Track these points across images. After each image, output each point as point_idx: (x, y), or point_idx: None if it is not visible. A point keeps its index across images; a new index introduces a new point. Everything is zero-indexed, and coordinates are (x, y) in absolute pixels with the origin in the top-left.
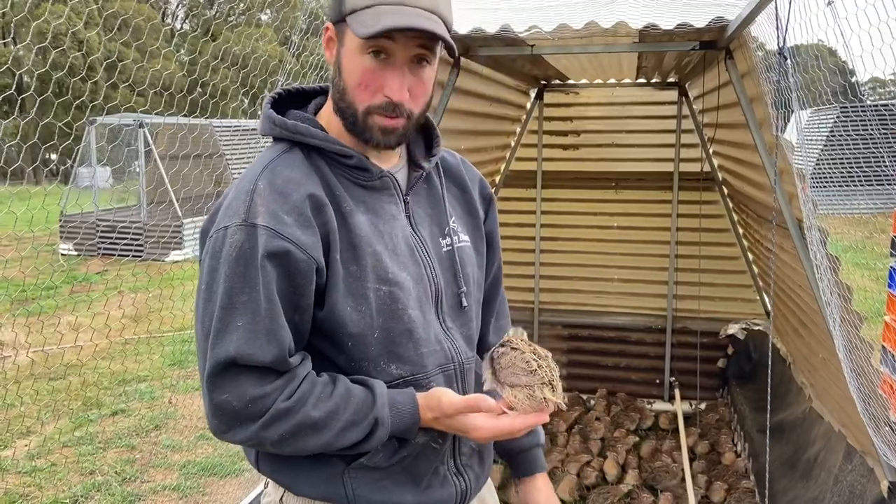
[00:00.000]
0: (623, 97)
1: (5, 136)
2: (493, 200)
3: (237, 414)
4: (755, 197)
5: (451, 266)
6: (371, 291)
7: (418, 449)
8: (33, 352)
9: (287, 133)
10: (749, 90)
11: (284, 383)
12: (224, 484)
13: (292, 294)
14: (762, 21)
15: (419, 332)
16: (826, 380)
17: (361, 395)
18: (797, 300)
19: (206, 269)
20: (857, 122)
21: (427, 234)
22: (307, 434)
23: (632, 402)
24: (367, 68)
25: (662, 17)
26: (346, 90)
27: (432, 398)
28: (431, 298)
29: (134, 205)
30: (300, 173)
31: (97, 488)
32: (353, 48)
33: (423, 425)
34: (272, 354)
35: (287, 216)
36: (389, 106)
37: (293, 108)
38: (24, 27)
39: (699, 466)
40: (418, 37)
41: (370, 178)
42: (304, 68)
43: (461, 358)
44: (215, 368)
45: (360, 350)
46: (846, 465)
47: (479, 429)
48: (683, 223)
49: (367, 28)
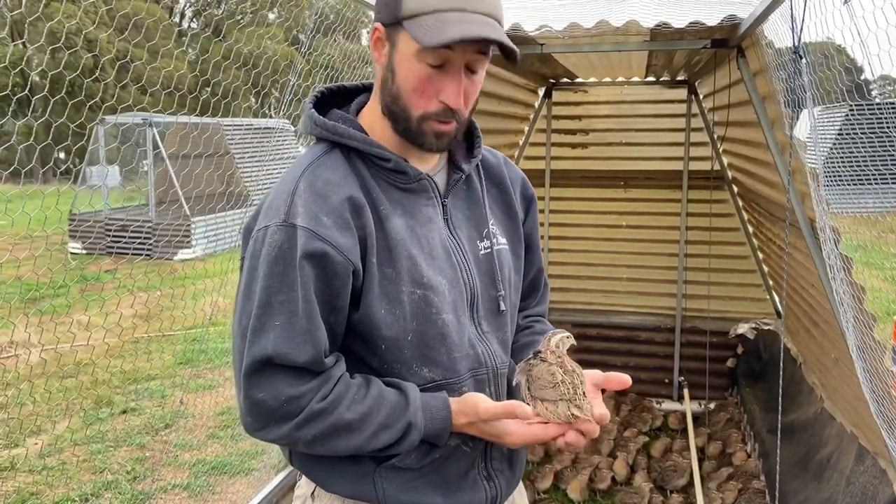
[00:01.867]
0: (632, 95)
1: (17, 136)
2: (534, 201)
3: (272, 413)
4: (766, 195)
5: (490, 269)
6: (405, 295)
7: (450, 452)
8: (44, 350)
9: (328, 134)
10: (761, 88)
11: (319, 384)
12: (234, 483)
13: (329, 295)
14: (775, 19)
15: (452, 337)
16: (838, 380)
17: (394, 399)
18: (808, 299)
19: (247, 268)
20: (867, 120)
21: (465, 236)
22: (340, 435)
23: (640, 401)
24: (425, 74)
25: (673, 15)
26: (400, 94)
27: (468, 404)
28: (467, 302)
29: (143, 204)
30: (340, 175)
31: (107, 487)
32: (409, 53)
33: (455, 430)
34: (308, 355)
35: (326, 218)
36: (446, 112)
37: (335, 106)
38: (36, 27)
39: (709, 466)
40: (478, 44)
41: (408, 181)
42: (314, 67)
43: (495, 363)
44: (252, 367)
45: (394, 353)
46: (858, 466)
47: (513, 434)
48: (693, 222)
49: (432, 38)
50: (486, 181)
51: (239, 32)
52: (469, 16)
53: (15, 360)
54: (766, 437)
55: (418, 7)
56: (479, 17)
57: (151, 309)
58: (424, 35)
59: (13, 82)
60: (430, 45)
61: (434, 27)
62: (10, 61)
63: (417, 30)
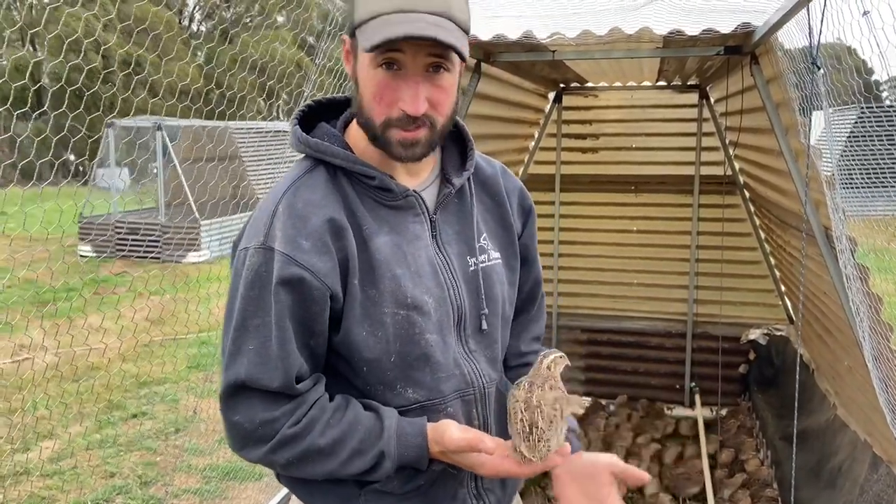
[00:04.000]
0: (642, 100)
1: (28, 138)
2: (533, 212)
3: (249, 435)
4: (778, 202)
5: (477, 287)
6: (388, 316)
7: (434, 476)
8: (56, 354)
9: (310, 151)
10: (775, 95)
11: (293, 408)
12: (245, 488)
13: (307, 320)
14: (791, 27)
15: (437, 357)
16: (852, 388)
17: (369, 425)
18: (821, 307)
19: (230, 288)
20: (878, 123)
21: (454, 252)
22: (314, 460)
23: (652, 407)
24: (381, 81)
25: (686, 22)
26: (363, 105)
27: (437, 431)
28: (454, 321)
29: (152, 206)
30: (321, 195)
31: (118, 491)
32: (365, 62)
33: (432, 457)
34: (279, 381)
35: (305, 241)
36: (407, 119)
37: (326, 119)
38: (49, 31)
39: (722, 474)
40: (429, 45)
41: (394, 198)
42: (322, 75)
43: (482, 382)
44: (228, 389)
45: (376, 374)
46: (872, 474)
47: (484, 465)
48: (704, 227)
49: (370, 40)
50: (480, 192)
51: (248, 36)
52: (414, 16)
53: (30, 363)
54: (779, 445)
55: (365, 13)
56: (425, 17)
57: (163, 312)
58: (365, 39)
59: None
60: (365, 48)
61: (375, 30)
62: (22, 65)
63: (362, 35)
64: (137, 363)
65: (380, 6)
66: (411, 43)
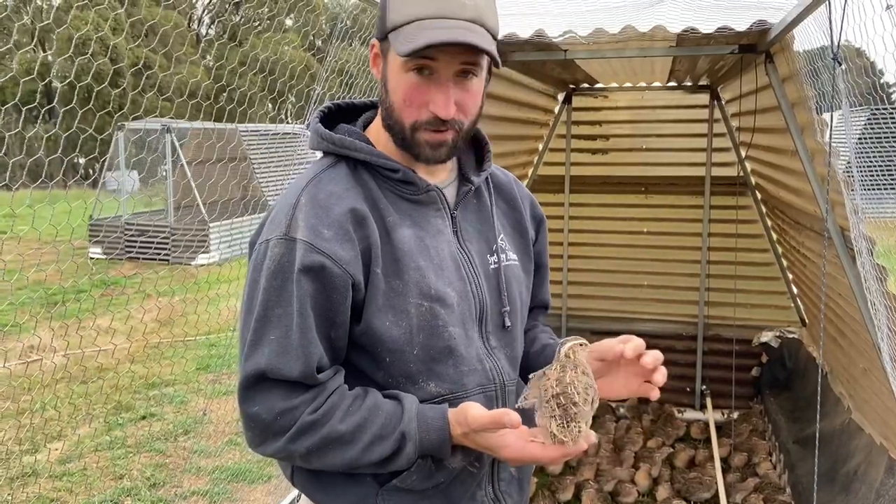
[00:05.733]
0: (653, 101)
1: (38, 140)
2: (544, 222)
3: (267, 427)
4: (792, 203)
5: (498, 284)
6: (413, 307)
7: (454, 474)
8: (65, 355)
9: (334, 147)
10: (790, 94)
11: (312, 396)
12: (253, 490)
13: (328, 310)
14: (808, 24)
15: (460, 350)
16: (867, 391)
17: (390, 409)
18: (836, 309)
19: (249, 281)
20: (887, 125)
21: (475, 250)
22: (334, 448)
23: (663, 410)
24: (412, 85)
25: (700, 20)
26: (392, 108)
27: (460, 412)
28: (476, 316)
29: (161, 208)
30: (343, 187)
31: (127, 493)
32: (396, 65)
33: (455, 442)
34: (300, 369)
35: (326, 230)
36: (437, 121)
37: (343, 122)
38: (59, 34)
39: (734, 478)
40: (462, 51)
41: (416, 192)
42: (331, 73)
43: (503, 379)
44: (247, 381)
45: (399, 366)
46: (888, 479)
47: (509, 447)
48: (715, 228)
49: (406, 45)
50: (497, 196)
51: (256, 38)
52: (449, 22)
53: (39, 365)
54: (792, 448)
55: (401, 18)
56: (457, 23)
57: (172, 314)
58: (401, 44)
59: (34, 89)
60: (402, 52)
61: (411, 35)
62: (33, 68)
63: (396, 40)
64: (146, 364)
65: (417, 11)
66: (445, 49)
